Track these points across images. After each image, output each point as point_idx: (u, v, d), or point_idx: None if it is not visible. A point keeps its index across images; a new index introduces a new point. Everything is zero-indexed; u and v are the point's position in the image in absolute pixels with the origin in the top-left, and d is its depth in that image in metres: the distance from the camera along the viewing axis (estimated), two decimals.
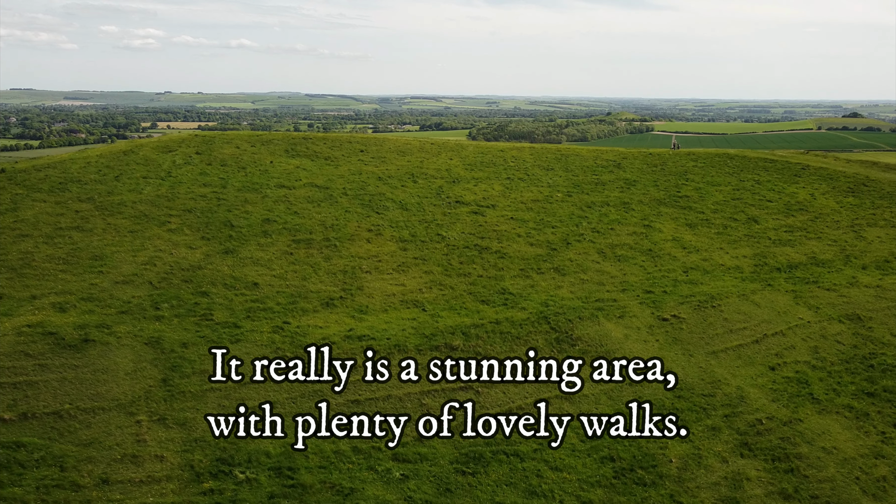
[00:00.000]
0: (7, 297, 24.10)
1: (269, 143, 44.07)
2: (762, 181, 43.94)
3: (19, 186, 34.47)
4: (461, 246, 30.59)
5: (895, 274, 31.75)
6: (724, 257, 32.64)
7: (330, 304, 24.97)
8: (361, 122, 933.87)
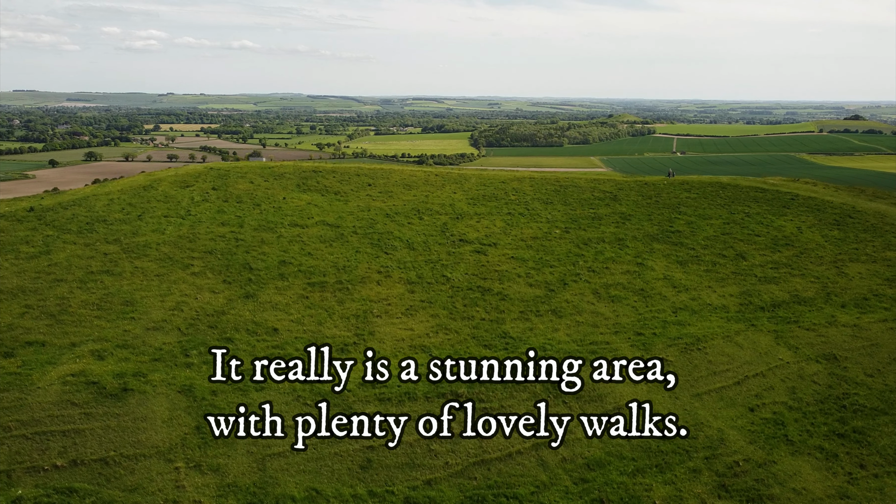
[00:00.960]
0: (49, 345, 26.31)
1: (282, 178, 46.24)
2: (752, 213, 46.05)
3: (49, 227, 36.69)
4: (465, 287, 32.73)
5: (872, 312, 33.85)
6: (712, 296, 34.76)
7: (344, 350, 27.12)
8: (363, 123, 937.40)
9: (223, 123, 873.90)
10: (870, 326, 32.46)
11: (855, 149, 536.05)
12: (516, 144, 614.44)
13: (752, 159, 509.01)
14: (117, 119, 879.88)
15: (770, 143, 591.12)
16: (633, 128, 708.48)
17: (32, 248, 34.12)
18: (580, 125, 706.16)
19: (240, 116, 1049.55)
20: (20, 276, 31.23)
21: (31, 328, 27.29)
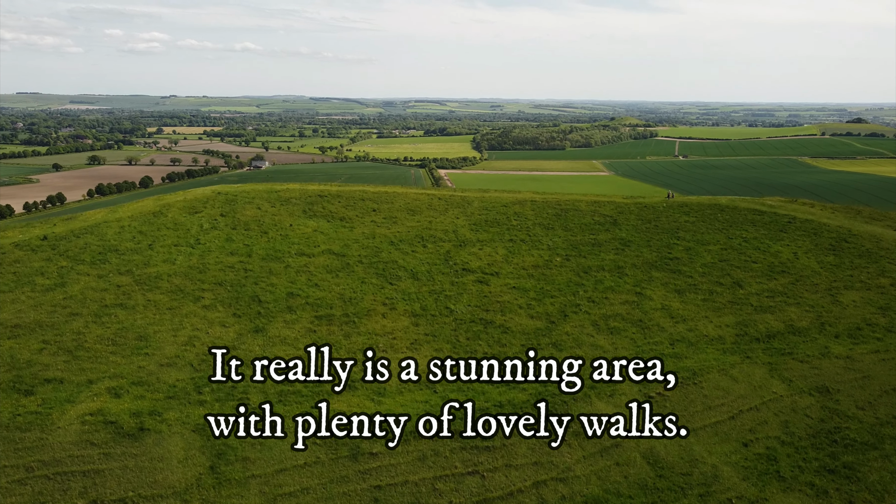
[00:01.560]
0: (67, 382, 27.29)
1: (288, 203, 47.23)
2: (749, 238, 46.95)
3: (63, 257, 37.71)
4: (467, 320, 33.67)
5: (864, 343, 34.74)
6: (709, 326, 35.67)
7: (352, 388, 28.06)
8: (366, 125, 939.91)
9: (226, 126, 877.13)
10: (862, 358, 33.34)
11: (857, 152, 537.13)
12: (518, 147, 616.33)
13: (755, 163, 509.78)
14: (120, 122, 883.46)
15: (772, 146, 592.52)
16: (635, 131, 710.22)
17: (48, 280, 35.12)
18: (582, 128, 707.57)
19: (242, 119, 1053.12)
20: (37, 310, 32.23)
21: (50, 364, 28.27)
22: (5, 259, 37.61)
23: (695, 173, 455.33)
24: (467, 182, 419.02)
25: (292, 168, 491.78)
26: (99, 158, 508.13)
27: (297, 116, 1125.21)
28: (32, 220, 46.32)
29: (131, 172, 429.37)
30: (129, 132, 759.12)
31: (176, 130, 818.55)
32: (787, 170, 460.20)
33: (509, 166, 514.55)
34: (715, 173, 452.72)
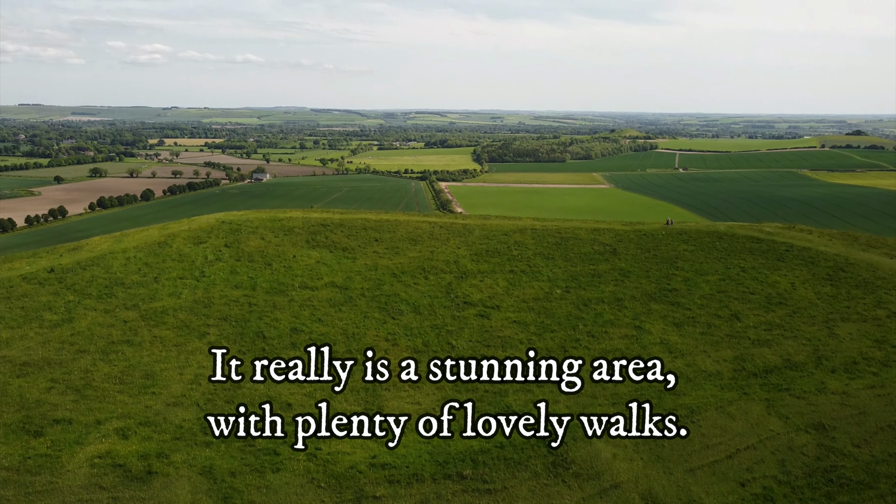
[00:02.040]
0: (76, 422, 27.77)
1: (291, 233, 47.83)
2: (747, 268, 47.48)
3: (70, 291, 38.26)
4: (468, 356, 34.16)
5: (860, 378, 35.18)
6: (707, 361, 36.15)
7: (355, 426, 28.49)
8: (366, 138, 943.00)
9: (227, 138, 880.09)
10: (858, 393, 33.77)
11: (857, 165, 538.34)
12: (519, 160, 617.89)
13: (755, 175, 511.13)
14: (122, 133, 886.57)
15: (772, 158, 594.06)
16: (635, 143, 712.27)
17: (55, 315, 35.67)
18: (582, 140, 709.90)
19: (243, 130, 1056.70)
20: (45, 347, 32.76)
21: (58, 404, 28.77)
22: (13, 293, 38.18)
23: (695, 186, 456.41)
24: (468, 195, 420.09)
25: (293, 181, 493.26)
26: (100, 171, 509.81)
27: (299, 128, 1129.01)
28: (38, 250, 46.95)
29: (133, 185, 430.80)
30: (130, 144, 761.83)
31: (177, 142, 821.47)
32: (788, 182, 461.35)
33: (510, 178, 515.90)
34: (715, 186, 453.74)
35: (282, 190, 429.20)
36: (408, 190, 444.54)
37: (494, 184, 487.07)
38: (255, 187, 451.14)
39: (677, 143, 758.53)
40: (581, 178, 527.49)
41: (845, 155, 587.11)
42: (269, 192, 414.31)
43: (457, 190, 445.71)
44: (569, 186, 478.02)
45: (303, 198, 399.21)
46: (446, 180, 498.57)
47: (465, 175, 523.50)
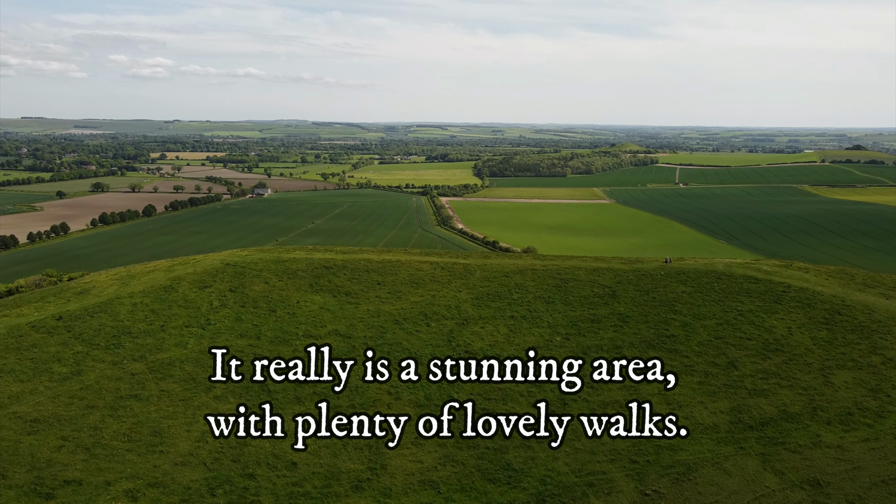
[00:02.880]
0: (86, 484, 28.40)
1: (295, 276, 48.57)
2: (745, 311, 48.13)
3: (79, 341, 38.97)
4: (469, 396, 34.77)
5: (855, 430, 35.77)
6: (704, 413, 36.75)
7: (359, 488, 29.14)
8: (368, 151, 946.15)
9: (229, 152, 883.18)
10: (852, 447, 34.36)
11: (857, 180, 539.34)
12: (520, 174, 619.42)
13: (755, 190, 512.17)
14: (124, 147, 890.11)
15: (772, 173, 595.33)
16: (635, 157, 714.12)
17: (64, 368, 36.36)
18: (583, 154, 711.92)
19: (245, 144, 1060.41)
20: (55, 402, 33.44)
21: (69, 464, 29.41)
22: (23, 343, 38.90)
23: (695, 202, 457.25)
24: (469, 210, 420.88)
25: (294, 196, 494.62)
26: (102, 185, 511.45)
27: (300, 141, 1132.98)
28: (47, 294, 47.67)
29: (134, 200, 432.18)
30: (132, 158, 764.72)
31: (179, 156, 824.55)
32: (788, 198, 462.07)
33: (510, 193, 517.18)
34: (715, 202, 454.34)
35: (283, 206, 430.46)
36: (409, 206, 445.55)
37: (495, 199, 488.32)
38: (257, 203, 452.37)
39: (678, 157, 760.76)
40: (582, 192, 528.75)
41: (845, 170, 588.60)
42: (270, 209, 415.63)
43: (458, 205, 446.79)
44: (569, 202, 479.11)
45: (304, 214, 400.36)
46: (447, 195, 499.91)
47: (465, 190, 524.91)
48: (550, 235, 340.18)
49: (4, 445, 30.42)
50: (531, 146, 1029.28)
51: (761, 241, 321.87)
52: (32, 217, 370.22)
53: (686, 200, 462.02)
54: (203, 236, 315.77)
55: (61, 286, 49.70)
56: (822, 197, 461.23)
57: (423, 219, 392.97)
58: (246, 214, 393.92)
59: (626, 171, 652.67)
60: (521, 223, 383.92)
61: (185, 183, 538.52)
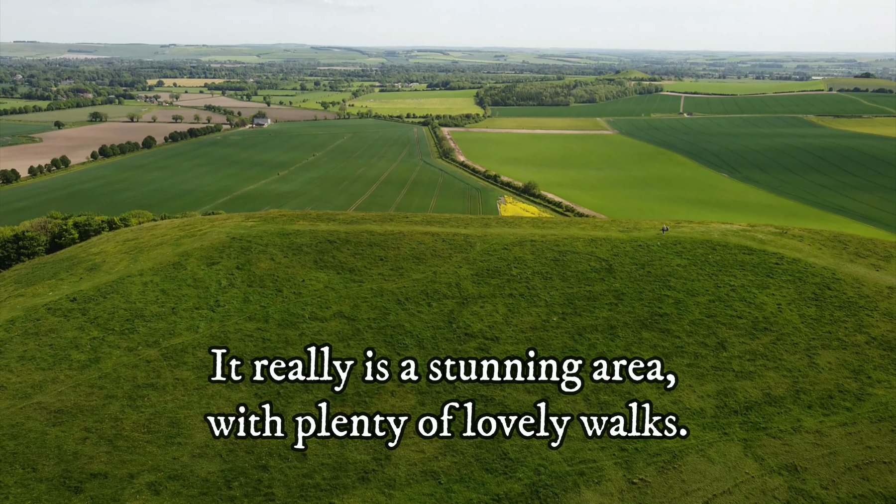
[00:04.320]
0: (111, 477, 30.52)
1: (300, 252, 49.86)
2: (737, 287, 49.56)
3: (94, 326, 40.64)
4: (468, 397, 36.69)
5: (835, 414, 37.75)
6: (692, 397, 38.68)
7: (365, 479, 31.26)
8: (368, 78, 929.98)
9: (226, 78, 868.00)
10: (831, 432, 36.40)
11: (863, 110, 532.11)
12: (522, 103, 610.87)
13: (760, 121, 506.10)
14: (120, 73, 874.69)
15: (778, 102, 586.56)
16: (640, 85, 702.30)
17: (82, 355, 38.13)
18: (587, 82, 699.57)
19: (243, 70, 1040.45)
20: (76, 392, 35.32)
21: (94, 456, 31.47)
22: (41, 328, 40.57)
23: (699, 134, 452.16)
24: (470, 142, 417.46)
25: (294, 127, 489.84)
26: (100, 115, 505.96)
27: (299, 67, 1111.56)
28: (59, 270, 49.09)
29: (133, 131, 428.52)
30: (129, 85, 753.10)
31: (176, 83, 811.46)
32: (792, 130, 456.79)
33: (513, 124, 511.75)
34: (719, 134, 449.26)
35: (283, 138, 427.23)
36: (410, 137, 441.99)
37: (497, 129, 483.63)
38: (257, 134, 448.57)
39: (683, 85, 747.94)
40: (584, 123, 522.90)
41: (852, 99, 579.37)
42: (270, 141, 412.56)
43: (459, 136, 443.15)
44: (572, 132, 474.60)
45: (304, 146, 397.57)
46: (449, 125, 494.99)
47: (467, 120, 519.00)
48: (552, 169, 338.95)
49: (32, 437, 32.46)
50: (534, 72, 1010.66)
51: (763, 174, 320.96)
52: (32, 149, 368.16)
53: (689, 131, 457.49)
54: (204, 169, 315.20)
55: (72, 260, 51.05)
56: (827, 128, 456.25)
57: (424, 151, 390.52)
58: (246, 146, 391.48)
59: (631, 99, 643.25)
60: (522, 156, 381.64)
61: (184, 112, 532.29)
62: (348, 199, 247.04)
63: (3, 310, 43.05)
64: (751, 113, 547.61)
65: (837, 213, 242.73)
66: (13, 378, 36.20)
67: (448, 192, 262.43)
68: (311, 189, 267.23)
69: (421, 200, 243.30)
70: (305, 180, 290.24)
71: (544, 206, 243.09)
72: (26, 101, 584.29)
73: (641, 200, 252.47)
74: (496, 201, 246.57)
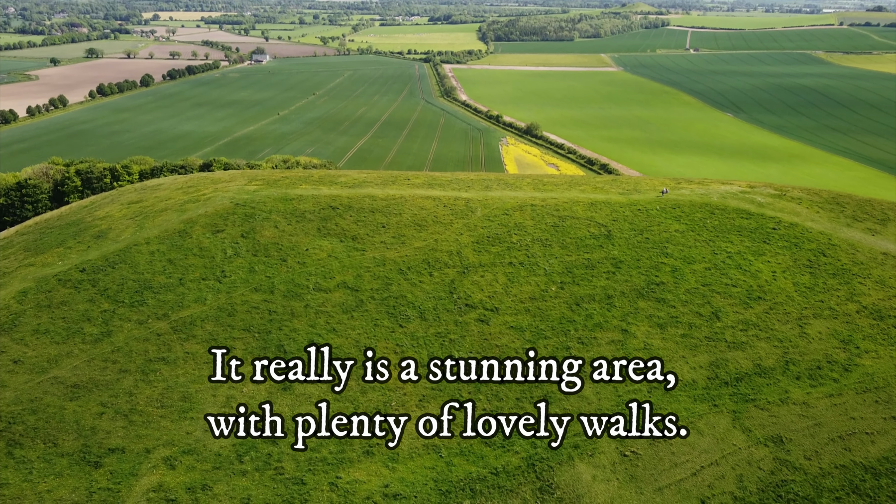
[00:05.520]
0: (128, 451, 32.11)
1: (303, 219, 50.61)
2: (733, 253, 50.42)
3: (104, 297, 41.77)
4: (468, 369, 38.04)
5: (822, 385, 39.14)
6: (684, 368, 40.03)
7: (369, 453, 32.86)
8: (368, 11, 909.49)
9: (223, 11, 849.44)
10: (817, 403, 37.85)
11: (874, 46, 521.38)
12: (525, 38, 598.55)
13: (767, 58, 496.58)
14: (115, 6, 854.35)
15: (787, 38, 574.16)
16: (646, 19, 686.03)
17: (94, 328, 39.38)
18: (592, 16, 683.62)
19: (240, 2, 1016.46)
20: (90, 366, 36.69)
21: (111, 431, 33.03)
22: (53, 300, 41.70)
23: (704, 73, 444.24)
24: (473, 80, 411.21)
25: (294, 63, 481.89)
26: (96, 51, 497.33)
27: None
28: (66, 238, 49.96)
29: (130, 68, 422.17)
30: (124, 19, 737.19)
31: (172, 16, 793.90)
32: (800, 68, 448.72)
33: (516, 61, 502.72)
34: (725, 72, 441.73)
35: (282, 75, 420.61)
36: (411, 75, 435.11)
37: (500, 66, 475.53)
38: (255, 71, 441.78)
39: (690, 19, 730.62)
40: (589, 59, 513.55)
41: (863, 34, 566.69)
42: (269, 79, 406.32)
43: (461, 74, 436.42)
44: (576, 69, 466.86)
45: (304, 84, 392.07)
46: (451, 62, 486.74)
47: (469, 56, 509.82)
48: (555, 108, 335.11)
49: (51, 412, 33.96)
50: (538, 4, 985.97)
51: (768, 114, 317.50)
52: (29, 87, 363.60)
53: (695, 69, 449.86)
54: (203, 109, 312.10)
55: (79, 225, 51.86)
56: (836, 66, 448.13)
57: (425, 89, 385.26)
58: (245, 85, 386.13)
59: (636, 34, 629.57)
60: (525, 94, 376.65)
61: (181, 48, 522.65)
62: (349, 140, 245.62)
63: (14, 280, 44.13)
64: (759, 49, 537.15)
65: (842, 154, 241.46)
66: (29, 352, 37.53)
67: (449, 135, 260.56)
68: (311, 130, 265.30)
69: (422, 144, 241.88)
70: (306, 121, 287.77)
71: (546, 147, 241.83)
72: (20, 35, 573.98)
73: (643, 147, 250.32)
74: (498, 143, 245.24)
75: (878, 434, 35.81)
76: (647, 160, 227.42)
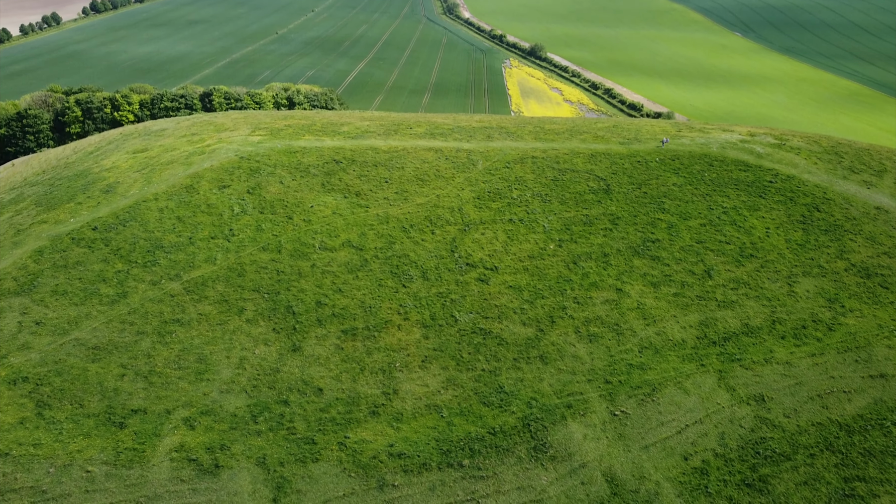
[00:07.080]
0: (150, 412, 34.35)
1: (307, 174, 51.52)
2: (729, 209, 51.48)
3: (117, 257, 43.29)
4: (469, 331, 39.93)
5: (805, 345, 41.07)
6: (675, 328, 41.88)
7: (375, 413, 35.09)
8: None
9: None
10: (799, 363, 39.89)
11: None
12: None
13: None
14: None
15: None
16: None
17: (110, 289, 41.06)
18: None
19: None
20: (109, 328, 38.58)
21: (132, 393, 35.20)
22: (69, 260, 43.21)
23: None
24: None
25: None
26: None
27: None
28: (76, 193, 51.05)
29: None
30: None
31: None
32: None
33: None
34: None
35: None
36: None
37: None
38: None
39: None
40: None
41: None
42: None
43: None
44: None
45: (301, 0, 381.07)
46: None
47: None
48: (560, 26, 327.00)
49: (75, 374, 36.05)
50: None
51: (778, 33, 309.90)
52: (19, 2, 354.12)
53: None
54: (199, 27, 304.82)
55: (86, 177, 52.81)
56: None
57: (427, 6, 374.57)
58: (241, 1, 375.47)
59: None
60: (530, 10, 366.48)
61: None
62: (349, 63, 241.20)
63: (29, 238, 45.53)
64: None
65: (850, 77, 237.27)
66: (50, 313, 39.34)
67: (451, 57, 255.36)
68: (310, 51, 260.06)
69: (423, 67, 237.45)
70: (305, 41, 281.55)
71: (550, 70, 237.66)
72: None
73: (647, 75, 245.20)
74: (501, 65, 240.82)
75: (856, 392, 37.93)
76: (652, 87, 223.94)
